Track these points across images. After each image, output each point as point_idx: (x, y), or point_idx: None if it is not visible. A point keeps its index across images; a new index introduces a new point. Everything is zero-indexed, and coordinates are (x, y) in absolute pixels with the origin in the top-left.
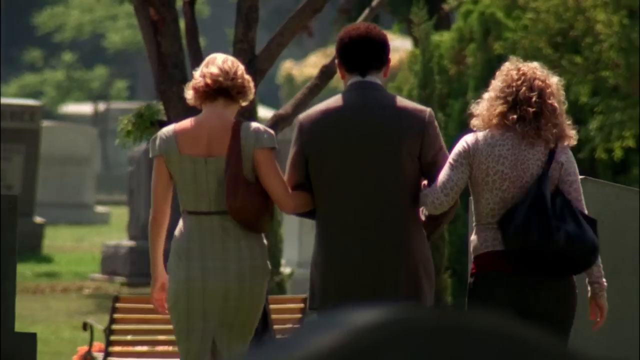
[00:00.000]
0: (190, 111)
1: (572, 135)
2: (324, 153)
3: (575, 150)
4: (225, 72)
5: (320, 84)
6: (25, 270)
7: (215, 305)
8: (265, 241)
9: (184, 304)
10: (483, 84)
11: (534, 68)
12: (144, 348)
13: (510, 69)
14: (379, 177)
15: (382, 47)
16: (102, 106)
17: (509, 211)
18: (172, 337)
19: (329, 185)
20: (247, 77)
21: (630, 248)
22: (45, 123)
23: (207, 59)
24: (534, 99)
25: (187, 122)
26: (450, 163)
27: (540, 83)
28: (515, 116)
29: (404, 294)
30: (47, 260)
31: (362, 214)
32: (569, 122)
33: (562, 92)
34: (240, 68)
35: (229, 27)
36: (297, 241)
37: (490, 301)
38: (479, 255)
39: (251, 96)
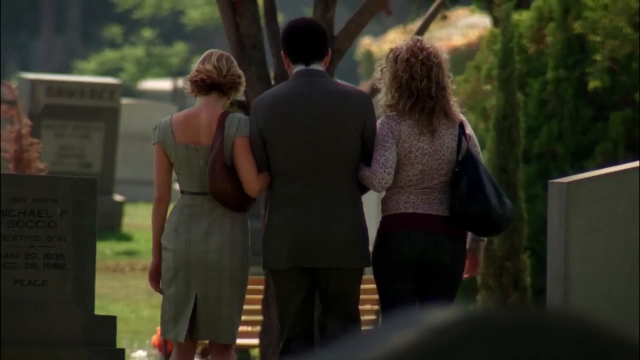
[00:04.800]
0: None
1: (460, 118)
2: (277, 133)
3: None
4: (219, 70)
5: None
6: (104, 249)
7: (197, 275)
8: (248, 220)
9: (172, 272)
10: (562, 63)
11: (414, 50)
12: None
13: (399, 59)
14: (327, 153)
15: (324, 39)
16: (181, 82)
17: (458, 183)
18: (251, 317)
19: (282, 161)
20: (238, 72)
21: None
22: (125, 101)
23: (204, 55)
24: (432, 90)
25: (182, 114)
26: (382, 145)
27: (424, 68)
28: (406, 107)
29: (343, 257)
30: (127, 238)
31: (310, 187)
32: (454, 101)
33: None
34: (234, 65)
35: (307, 6)
36: None
37: (398, 257)
38: (390, 216)
39: (242, 89)
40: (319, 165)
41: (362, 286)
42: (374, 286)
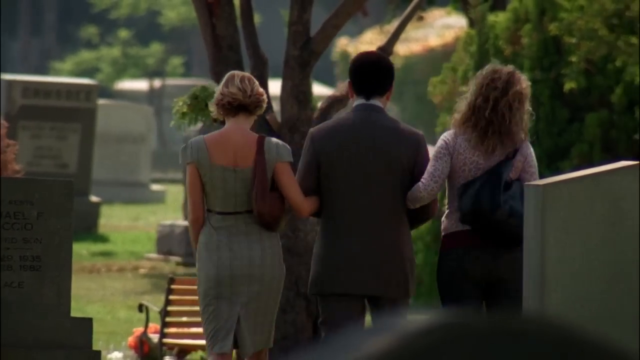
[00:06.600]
0: None
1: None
2: (333, 162)
3: (631, 131)
4: (243, 91)
5: None
6: (81, 250)
7: (241, 289)
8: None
9: (214, 289)
10: (538, 65)
11: (499, 76)
12: (200, 330)
13: (479, 79)
14: (378, 185)
15: (388, 75)
16: (157, 83)
17: (467, 182)
18: None
19: (335, 189)
20: (261, 91)
21: None
22: (101, 101)
23: (226, 77)
24: (487, 111)
25: (215, 135)
26: (435, 156)
27: (496, 94)
28: (469, 124)
29: (393, 287)
30: (103, 239)
31: (361, 216)
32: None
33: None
34: (256, 84)
35: (283, 7)
36: None
37: (458, 272)
38: (449, 234)
39: (264, 106)
40: (370, 195)
41: None
42: None
